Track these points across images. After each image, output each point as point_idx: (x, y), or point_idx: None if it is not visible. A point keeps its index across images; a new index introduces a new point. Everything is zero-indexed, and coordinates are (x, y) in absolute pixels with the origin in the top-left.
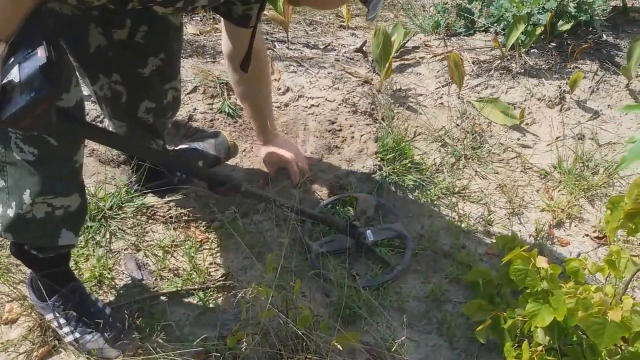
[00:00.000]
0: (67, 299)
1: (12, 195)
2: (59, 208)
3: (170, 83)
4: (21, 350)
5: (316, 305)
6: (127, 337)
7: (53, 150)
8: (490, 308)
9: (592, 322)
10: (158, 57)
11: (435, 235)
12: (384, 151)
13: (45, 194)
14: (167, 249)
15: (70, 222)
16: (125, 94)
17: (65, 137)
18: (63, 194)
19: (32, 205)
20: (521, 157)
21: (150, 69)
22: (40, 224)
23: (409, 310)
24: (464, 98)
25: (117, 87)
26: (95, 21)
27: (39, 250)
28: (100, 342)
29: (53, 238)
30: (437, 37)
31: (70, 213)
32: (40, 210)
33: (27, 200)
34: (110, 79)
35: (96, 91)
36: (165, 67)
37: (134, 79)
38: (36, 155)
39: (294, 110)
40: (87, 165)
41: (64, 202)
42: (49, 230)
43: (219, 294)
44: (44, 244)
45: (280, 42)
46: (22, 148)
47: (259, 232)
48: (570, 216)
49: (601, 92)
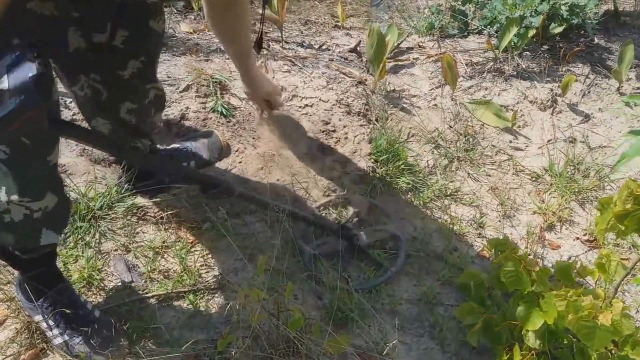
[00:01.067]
0: (56, 301)
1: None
2: (37, 211)
3: (151, 83)
4: (8, 353)
5: (308, 308)
6: (116, 342)
7: (26, 150)
8: (481, 311)
9: (583, 325)
10: (138, 59)
11: (428, 237)
12: (378, 152)
13: (20, 194)
14: (157, 250)
15: (50, 222)
16: (105, 92)
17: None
18: (38, 196)
19: (8, 204)
20: (513, 160)
21: (131, 71)
22: (20, 226)
23: (401, 313)
24: (457, 100)
25: (96, 85)
26: (74, 24)
27: (22, 251)
28: (88, 345)
29: (35, 239)
30: (431, 38)
31: (48, 213)
32: (19, 213)
33: (3, 199)
34: (89, 77)
35: (76, 92)
36: (145, 69)
37: (114, 80)
38: (8, 153)
39: (288, 110)
40: (77, 165)
41: (40, 205)
42: (30, 232)
43: (210, 297)
44: (25, 245)
45: (274, 41)
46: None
47: (250, 233)
48: (561, 219)
49: (592, 95)
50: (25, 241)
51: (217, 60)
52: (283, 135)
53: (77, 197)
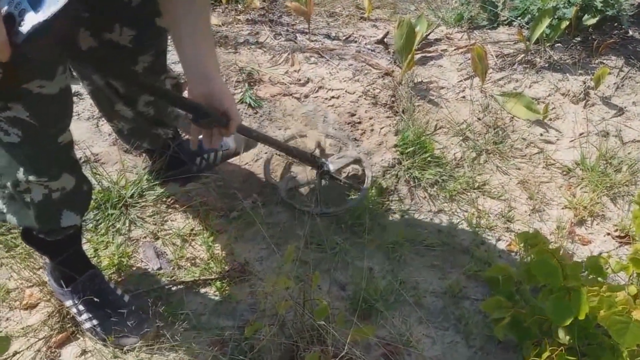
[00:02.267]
0: (86, 286)
1: (6, 176)
2: (55, 191)
3: (164, 74)
4: (40, 335)
5: (332, 298)
6: (147, 324)
7: (37, 132)
8: (509, 305)
9: (615, 320)
10: (148, 54)
11: (454, 230)
12: (404, 144)
13: (37, 174)
14: (185, 238)
15: (70, 203)
16: (121, 88)
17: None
18: (53, 176)
19: (27, 184)
20: (544, 153)
21: (142, 66)
22: (40, 206)
23: (426, 306)
24: (486, 92)
25: (112, 81)
26: (84, 24)
27: (46, 234)
28: (119, 329)
29: (55, 220)
30: (459, 30)
31: (67, 194)
32: (38, 192)
33: (21, 179)
34: (104, 74)
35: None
36: (157, 61)
37: (128, 76)
38: (21, 136)
39: (314, 102)
40: (110, 154)
41: (57, 185)
42: (50, 212)
43: (236, 284)
44: (47, 227)
45: (301, 33)
46: (7, 130)
47: (276, 223)
48: (592, 214)
49: (626, 89)
50: (47, 222)
51: (245, 52)
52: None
53: (109, 185)
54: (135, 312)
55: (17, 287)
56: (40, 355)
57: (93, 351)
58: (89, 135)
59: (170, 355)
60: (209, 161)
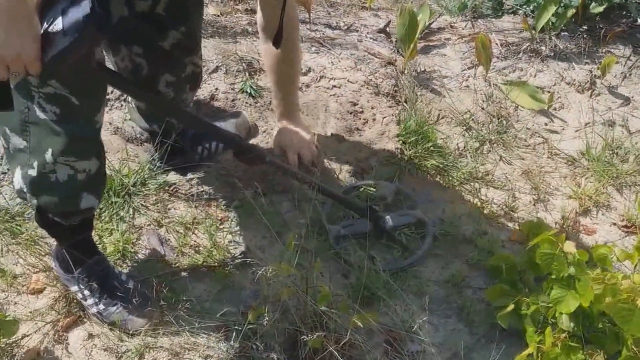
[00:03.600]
0: (92, 271)
1: (34, 155)
2: (81, 172)
3: (190, 57)
4: (47, 319)
5: (335, 285)
6: (152, 308)
7: (75, 109)
8: (512, 293)
9: (621, 308)
10: (179, 30)
11: (457, 220)
12: (406, 134)
13: (67, 154)
14: (188, 226)
15: (91, 186)
16: (145, 66)
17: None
18: (84, 156)
19: (54, 165)
20: (548, 143)
21: (171, 42)
22: (63, 187)
23: (429, 295)
24: (490, 81)
25: (137, 59)
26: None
27: (62, 216)
28: (124, 313)
29: (75, 202)
30: (463, 18)
31: (91, 176)
32: (63, 172)
33: (49, 160)
34: (132, 50)
35: (117, 62)
36: (186, 41)
37: (155, 51)
38: (58, 114)
39: (316, 91)
40: (112, 143)
41: (85, 166)
42: (71, 193)
43: (239, 272)
44: (66, 208)
45: (301, 22)
46: (45, 107)
47: (278, 212)
48: (597, 204)
49: (633, 78)
50: (67, 203)
51: (244, 42)
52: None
53: (112, 174)
54: (140, 296)
55: (23, 273)
56: (48, 339)
57: (100, 335)
58: None
59: (174, 340)
60: (210, 150)
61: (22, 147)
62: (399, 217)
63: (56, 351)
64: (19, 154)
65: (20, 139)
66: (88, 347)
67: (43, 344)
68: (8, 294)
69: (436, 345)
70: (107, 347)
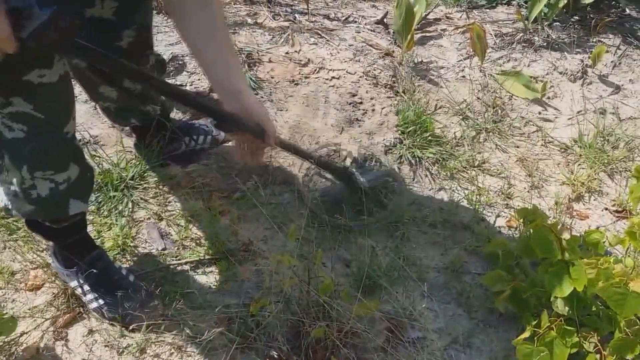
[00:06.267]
0: (91, 266)
1: (11, 173)
2: (62, 183)
3: (149, 50)
4: (47, 316)
5: (337, 275)
6: (151, 303)
7: (42, 124)
8: (509, 279)
9: (614, 292)
10: (132, 28)
11: (455, 208)
12: (405, 124)
13: (42, 168)
14: (189, 219)
15: (76, 192)
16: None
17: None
18: (60, 167)
19: (32, 180)
20: (542, 131)
21: (127, 41)
22: (46, 200)
23: (428, 281)
24: (485, 71)
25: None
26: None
27: (52, 222)
28: (124, 308)
29: (63, 210)
30: (458, 9)
31: (72, 184)
32: (44, 186)
33: (26, 176)
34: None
35: (77, 65)
36: (142, 37)
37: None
38: (26, 131)
39: (315, 83)
40: (109, 137)
41: (64, 176)
42: (57, 203)
43: (241, 264)
44: (54, 217)
45: (300, 13)
46: (11, 126)
47: (279, 203)
48: (590, 190)
49: (623, 67)
50: (55, 213)
51: (243, 33)
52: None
53: (110, 167)
54: (141, 291)
55: (21, 269)
56: (47, 336)
57: (100, 330)
58: (88, 117)
59: (176, 333)
60: (197, 142)
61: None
62: (372, 174)
63: (56, 348)
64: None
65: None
66: (88, 343)
67: (42, 341)
68: (6, 291)
69: (436, 331)
70: (108, 342)
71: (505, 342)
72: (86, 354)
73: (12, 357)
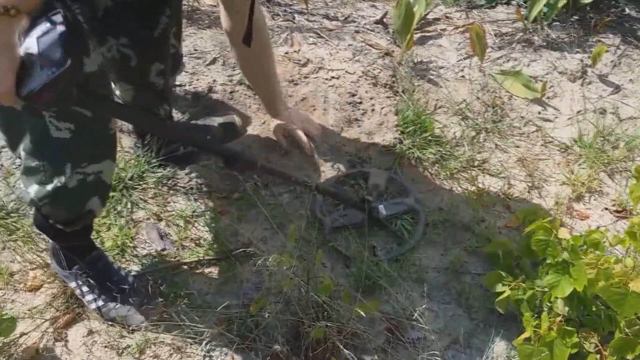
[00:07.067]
0: (90, 267)
1: (52, 174)
2: (90, 175)
3: (176, 40)
4: (46, 316)
5: (336, 275)
6: (151, 303)
7: (88, 122)
8: (509, 279)
9: (614, 292)
10: (166, 14)
11: (455, 208)
12: (405, 124)
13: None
14: (188, 219)
15: (101, 189)
16: (134, 57)
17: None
18: (97, 160)
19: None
20: (542, 131)
21: (161, 28)
22: (72, 193)
23: (428, 282)
24: (485, 71)
25: (125, 50)
26: None
27: (65, 225)
28: (124, 309)
29: (81, 206)
30: (458, 9)
31: (100, 178)
32: (74, 179)
33: (67, 174)
34: (119, 41)
35: (104, 53)
36: (172, 24)
37: (144, 41)
38: (73, 130)
39: (314, 82)
40: None
41: (94, 169)
42: (80, 199)
43: (240, 264)
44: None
45: (299, 13)
46: (58, 126)
47: (278, 204)
48: (590, 190)
49: (623, 67)
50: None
51: None
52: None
53: None
54: (140, 291)
55: (20, 270)
56: (47, 336)
57: (100, 331)
58: None
59: (176, 334)
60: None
61: (36, 167)
62: (392, 206)
63: (55, 348)
64: (35, 173)
65: (34, 159)
66: (88, 344)
67: (42, 342)
68: (5, 291)
69: (436, 332)
70: (107, 343)
71: (506, 343)
72: (86, 355)
73: (11, 357)
